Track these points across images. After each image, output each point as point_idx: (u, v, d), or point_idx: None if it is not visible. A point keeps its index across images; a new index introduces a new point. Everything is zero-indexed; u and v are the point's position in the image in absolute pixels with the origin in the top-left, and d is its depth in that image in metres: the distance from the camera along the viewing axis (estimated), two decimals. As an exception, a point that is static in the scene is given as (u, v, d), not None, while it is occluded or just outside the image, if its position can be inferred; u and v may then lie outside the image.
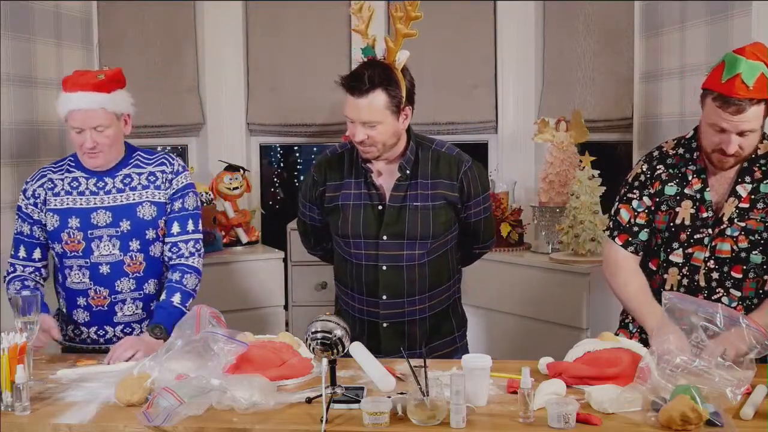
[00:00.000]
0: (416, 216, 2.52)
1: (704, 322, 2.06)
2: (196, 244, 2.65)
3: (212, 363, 2.04)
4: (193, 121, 4.52)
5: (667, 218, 2.40)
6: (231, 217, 4.23)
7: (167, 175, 2.64)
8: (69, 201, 2.57)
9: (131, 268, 2.59)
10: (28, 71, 3.36)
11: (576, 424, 1.81)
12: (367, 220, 2.54)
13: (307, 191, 2.69)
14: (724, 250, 2.33)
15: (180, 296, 2.55)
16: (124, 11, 4.34)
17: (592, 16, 4.16)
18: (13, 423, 1.92)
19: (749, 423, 1.85)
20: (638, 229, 2.45)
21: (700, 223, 2.35)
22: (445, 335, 2.65)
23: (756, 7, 2.87)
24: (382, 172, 2.56)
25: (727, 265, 2.34)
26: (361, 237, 2.54)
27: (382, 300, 2.55)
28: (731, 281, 2.34)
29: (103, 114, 2.52)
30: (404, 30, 2.45)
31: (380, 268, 2.54)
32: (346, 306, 2.67)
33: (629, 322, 2.54)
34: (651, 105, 3.62)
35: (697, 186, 2.37)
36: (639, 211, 2.44)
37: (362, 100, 2.41)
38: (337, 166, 2.61)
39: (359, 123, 2.43)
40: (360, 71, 2.44)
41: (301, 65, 4.56)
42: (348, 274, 2.62)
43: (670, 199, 2.40)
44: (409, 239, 2.52)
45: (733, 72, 2.19)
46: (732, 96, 2.18)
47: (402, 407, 1.86)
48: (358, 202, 2.55)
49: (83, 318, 2.61)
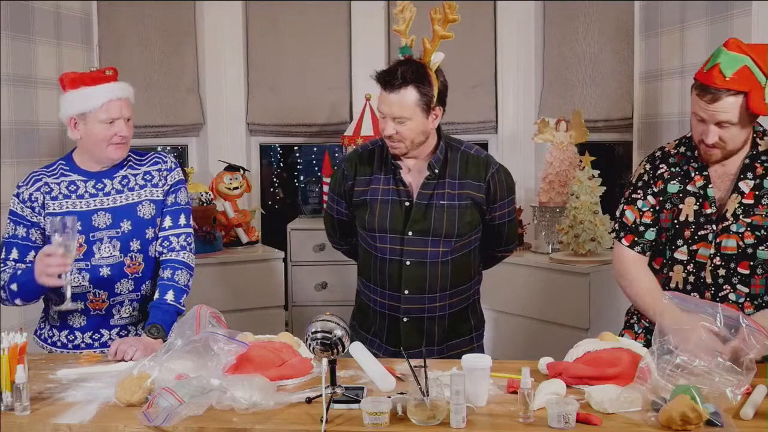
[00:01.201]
0: (442, 214, 2.56)
1: (704, 322, 2.06)
2: (188, 238, 2.65)
3: (212, 363, 2.04)
4: (193, 121, 4.52)
5: (671, 216, 2.40)
6: (231, 217, 4.23)
7: (162, 172, 2.65)
8: (68, 204, 2.55)
9: (131, 269, 2.59)
10: (28, 71, 3.36)
11: (576, 424, 1.80)
12: (394, 215, 2.58)
13: (336, 185, 2.74)
14: (729, 246, 2.33)
15: (173, 293, 2.55)
16: (124, 11, 4.34)
17: (592, 16, 4.16)
18: (13, 423, 1.92)
19: (749, 423, 1.84)
20: (644, 229, 2.45)
21: (703, 220, 2.36)
22: (463, 334, 2.68)
23: (756, 7, 2.87)
24: (411, 169, 2.61)
25: (734, 262, 2.33)
26: (387, 232, 2.59)
27: (404, 295, 2.59)
28: (738, 277, 2.34)
29: (130, 105, 2.58)
30: (441, 31, 2.51)
31: (404, 263, 2.58)
32: (368, 300, 2.71)
33: (635, 323, 2.54)
34: (651, 105, 3.62)
35: (700, 183, 2.38)
36: (644, 211, 2.45)
37: (394, 95, 2.46)
38: (368, 161, 2.66)
39: (390, 118, 2.49)
40: (394, 67, 2.49)
41: (301, 65, 4.56)
42: (372, 268, 2.66)
43: (674, 196, 2.40)
44: (434, 236, 2.56)
45: (713, 62, 2.23)
46: (708, 84, 2.23)
47: (402, 407, 1.86)
48: (386, 198, 2.60)
49: (79, 323, 2.59)
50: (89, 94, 2.52)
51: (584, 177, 3.68)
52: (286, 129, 4.59)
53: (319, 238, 4.08)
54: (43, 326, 2.66)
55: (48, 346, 2.62)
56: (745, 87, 2.20)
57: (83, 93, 2.52)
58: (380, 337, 2.67)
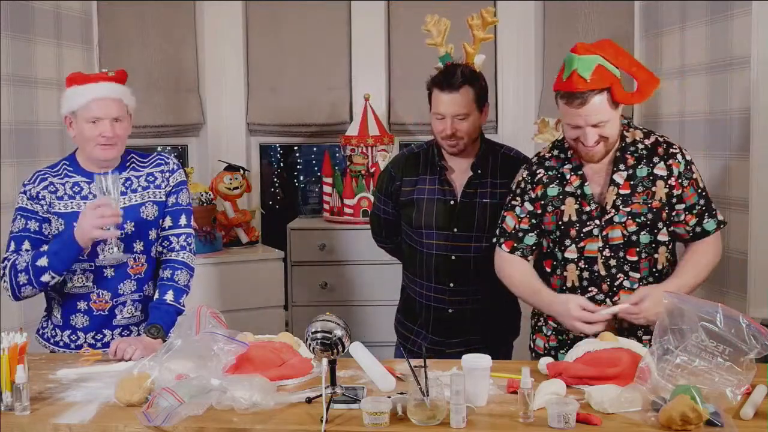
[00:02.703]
0: (485, 212, 2.74)
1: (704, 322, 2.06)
2: (188, 238, 2.65)
3: (212, 363, 2.04)
4: (193, 121, 4.52)
5: (555, 218, 2.47)
6: (231, 217, 4.24)
7: (165, 174, 2.65)
8: (73, 205, 2.55)
9: (134, 270, 2.59)
10: (28, 71, 3.36)
11: (576, 424, 1.81)
12: (440, 213, 2.76)
13: (383, 186, 2.93)
14: (615, 237, 2.41)
15: (173, 293, 2.55)
16: (124, 11, 4.34)
17: (592, 16, 4.16)
18: (13, 423, 1.92)
19: (749, 423, 1.85)
20: (523, 234, 2.52)
21: (586, 217, 2.43)
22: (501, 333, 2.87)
23: (756, 7, 2.87)
24: (455, 170, 2.79)
25: (622, 250, 2.41)
26: (433, 228, 2.77)
27: (450, 288, 2.77)
28: (628, 265, 2.42)
29: (121, 105, 2.55)
30: (481, 35, 2.73)
31: (450, 257, 2.76)
32: (414, 294, 2.88)
33: (542, 326, 2.58)
34: (651, 105, 3.62)
35: (576, 183, 2.45)
36: (522, 217, 2.52)
37: (455, 94, 2.66)
38: (414, 163, 2.86)
39: (449, 117, 2.67)
40: (452, 69, 2.71)
41: (301, 65, 4.56)
42: (419, 263, 2.82)
43: (554, 199, 2.47)
44: (478, 232, 2.74)
45: (570, 69, 2.31)
46: (573, 91, 2.30)
47: (402, 407, 1.86)
48: (432, 197, 2.78)
49: (82, 323, 2.59)
50: (79, 93, 2.53)
51: (584, 177, 3.67)
52: (286, 129, 4.59)
53: (319, 238, 4.08)
54: (46, 326, 2.66)
55: (51, 345, 2.62)
56: (606, 83, 2.30)
57: (75, 91, 2.53)
58: (426, 328, 2.83)
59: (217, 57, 4.51)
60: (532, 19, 4.38)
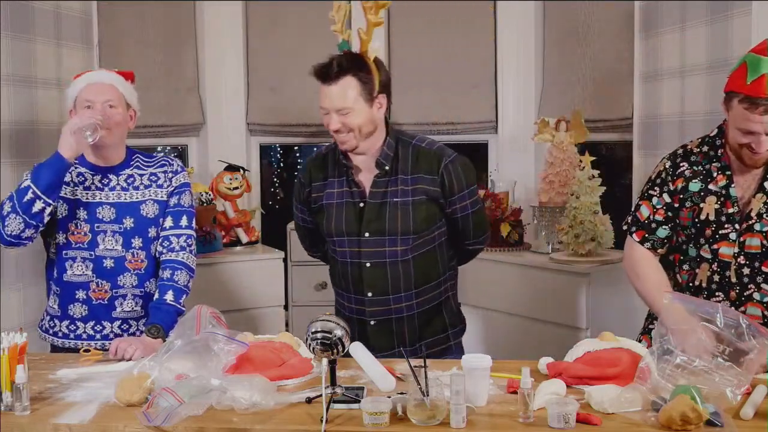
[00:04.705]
0: (396, 212, 2.51)
1: (704, 323, 2.06)
2: (188, 239, 2.67)
3: (212, 363, 2.04)
4: (193, 121, 4.52)
5: (692, 214, 2.40)
6: (231, 217, 4.24)
7: (168, 174, 2.69)
8: (77, 192, 2.60)
9: (133, 265, 2.62)
10: (28, 71, 3.36)
11: (576, 424, 1.80)
12: (349, 217, 2.55)
13: (297, 193, 2.73)
14: (753, 245, 2.33)
15: (173, 293, 2.57)
16: (124, 11, 4.34)
17: (592, 16, 4.16)
18: (13, 423, 1.92)
19: (749, 423, 1.84)
20: (656, 226, 2.46)
21: (725, 219, 2.36)
22: (436, 333, 2.63)
23: (756, 7, 2.87)
24: (362, 168, 2.56)
25: (758, 261, 2.34)
26: (344, 235, 2.55)
27: (368, 297, 2.56)
28: (762, 276, 2.34)
29: (116, 92, 2.60)
30: (374, 19, 2.53)
31: (364, 265, 2.54)
32: (339, 306, 2.68)
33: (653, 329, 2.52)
34: (651, 105, 3.62)
35: (722, 182, 2.38)
36: (658, 208, 2.46)
37: (333, 86, 2.44)
38: (321, 166, 2.64)
39: (333, 111, 2.45)
40: (329, 60, 2.49)
41: (301, 65, 4.53)
42: (336, 273, 2.64)
43: (694, 195, 2.41)
44: (390, 235, 2.51)
45: (758, 72, 2.19)
46: (760, 97, 2.18)
47: (402, 407, 1.86)
48: (341, 201, 2.57)
49: (80, 312, 2.61)
50: (77, 82, 2.63)
51: (584, 177, 3.68)
52: (286, 129, 4.59)
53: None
54: (44, 317, 2.68)
55: (50, 336, 2.64)
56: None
57: (74, 82, 2.64)
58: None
59: (217, 57, 4.50)
60: (532, 19, 4.38)
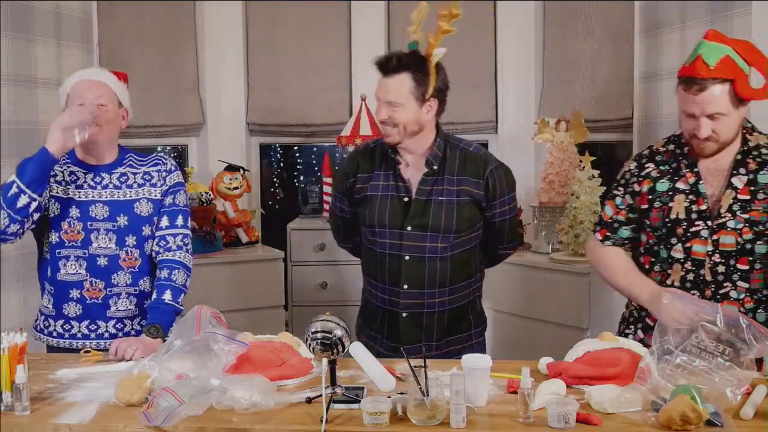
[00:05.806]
0: (440, 210, 2.58)
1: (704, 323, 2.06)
2: (185, 239, 2.66)
3: (212, 363, 2.04)
4: (193, 121, 4.52)
5: (662, 215, 2.40)
6: (231, 217, 4.23)
7: (162, 173, 2.67)
8: (70, 191, 2.58)
9: (127, 263, 2.60)
10: (28, 71, 3.36)
11: (576, 424, 1.80)
12: (393, 210, 2.61)
13: (339, 183, 2.81)
14: (728, 243, 2.32)
15: (171, 293, 2.56)
16: (124, 11, 4.34)
17: (592, 16, 4.16)
18: (13, 423, 1.91)
19: (749, 423, 1.84)
20: (618, 226, 2.49)
21: (696, 216, 2.36)
22: (462, 331, 2.69)
23: (756, 7, 2.87)
24: (410, 165, 2.64)
25: (733, 258, 2.33)
26: (386, 227, 2.62)
27: (404, 290, 2.61)
28: (738, 274, 2.34)
29: (108, 90, 2.58)
30: (445, 26, 2.57)
31: (403, 258, 2.60)
32: (370, 296, 2.73)
33: (630, 333, 2.53)
34: (651, 105, 3.62)
35: (692, 180, 2.38)
36: (621, 208, 2.48)
37: (389, 79, 2.53)
38: (369, 158, 2.71)
39: (384, 102, 2.54)
40: (392, 53, 2.57)
41: (301, 65, 4.56)
42: (372, 263, 2.68)
43: (663, 195, 2.40)
44: (433, 232, 2.58)
45: (696, 54, 2.24)
46: (694, 76, 2.23)
47: (402, 407, 1.86)
48: (386, 194, 2.64)
49: (75, 312, 2.60)
50: (68, 79, 2.61)
51: (584, 177, 3.68)
52: (286, 129, 4.59)
53: (319, 238, 4.08)
54: (38, 317, 2.67)
55: (45, 337, 2.62)
56: (730, 75, 2.22)
57: (67, 80, 2.61)
58: (381, 332, 2.69)
59: (217, 57, 4.51)
60: (532, 19, 4.38)
